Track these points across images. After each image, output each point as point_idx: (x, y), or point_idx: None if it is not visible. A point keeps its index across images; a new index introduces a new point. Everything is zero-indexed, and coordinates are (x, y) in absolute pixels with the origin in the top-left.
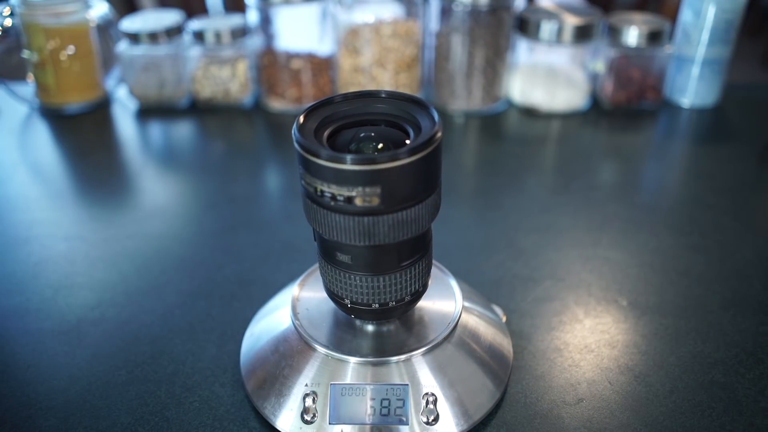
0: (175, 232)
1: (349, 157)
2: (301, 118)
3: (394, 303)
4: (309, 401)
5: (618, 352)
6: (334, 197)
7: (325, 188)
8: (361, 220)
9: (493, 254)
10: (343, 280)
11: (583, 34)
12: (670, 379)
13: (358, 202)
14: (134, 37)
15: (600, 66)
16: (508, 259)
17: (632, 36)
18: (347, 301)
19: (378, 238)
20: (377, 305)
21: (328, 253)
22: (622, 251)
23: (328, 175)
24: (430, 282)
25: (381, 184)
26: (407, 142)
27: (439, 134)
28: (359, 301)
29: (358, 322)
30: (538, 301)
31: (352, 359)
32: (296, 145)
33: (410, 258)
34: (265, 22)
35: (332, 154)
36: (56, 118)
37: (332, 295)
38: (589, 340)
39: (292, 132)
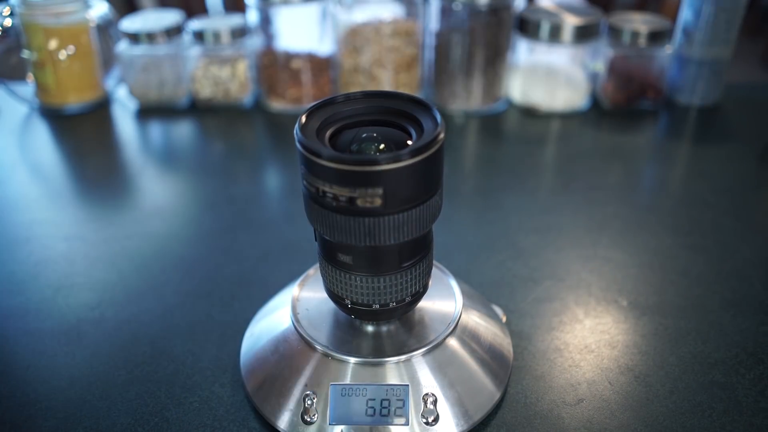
0: (175, 232)
1: (351, 158)
2: (303, 118)
3: (394, 304)
4: (309, 401)
5: (618, 352)
6: (335, 198)
7: (327, 189)
8: (363, 221)
9: (493, 254)
10: (344, 280)
11: (583, 34)
12: (670, 379)
13: (359, 203)
14: (134, 37)
15: (600, 66)
16: (508, 260)
17: (632, 36)
18: (348, 302)
19: (379, 239)
20: (378, 306)
21: (330, 253)
22: (622, 251)
23: (330, 176)
24: (430, 282)
25: (383, 184)
26: (409, 143)
27: (442, 136)
28: (360, 301)
29: (357, 323)
30: (538, 301)
31: (352, 359)
32: (298, 145)
33: (411, 259)
34: (265, 22)
35: (334, 154)
36: (56, 118)
37: (333, 295)
38: (589, 340)
39: (294, 132)
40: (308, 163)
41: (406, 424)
